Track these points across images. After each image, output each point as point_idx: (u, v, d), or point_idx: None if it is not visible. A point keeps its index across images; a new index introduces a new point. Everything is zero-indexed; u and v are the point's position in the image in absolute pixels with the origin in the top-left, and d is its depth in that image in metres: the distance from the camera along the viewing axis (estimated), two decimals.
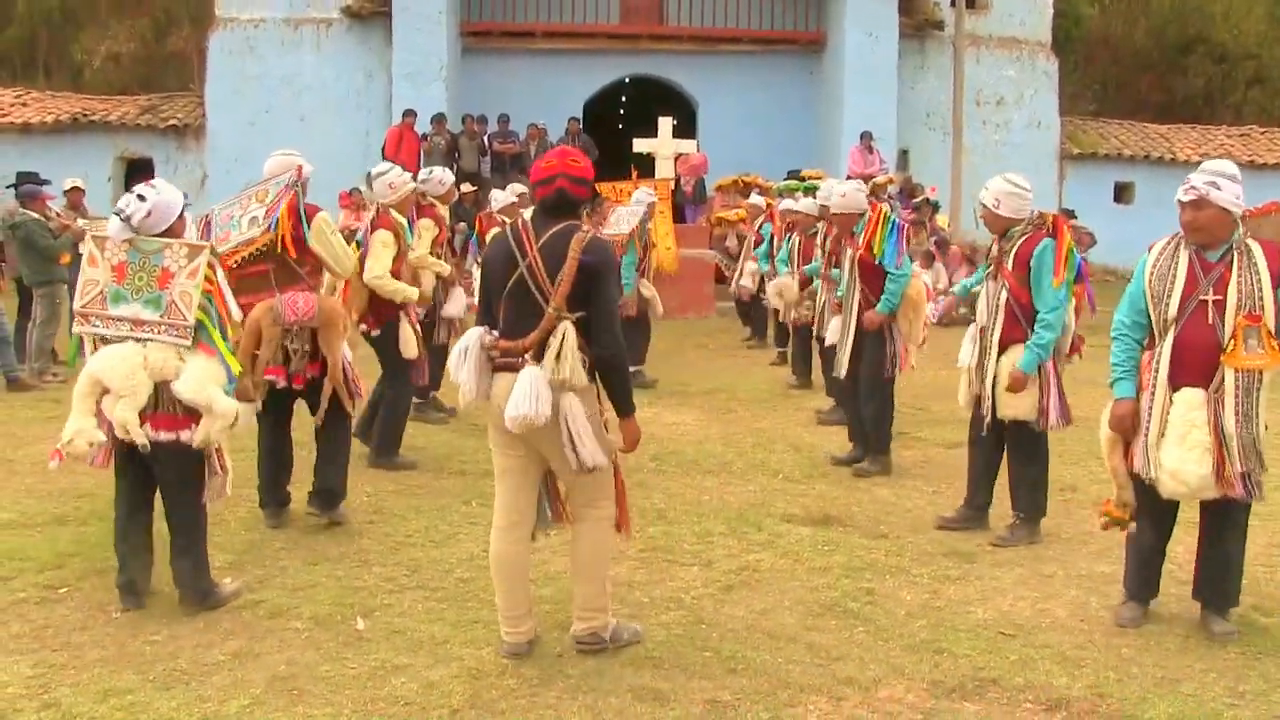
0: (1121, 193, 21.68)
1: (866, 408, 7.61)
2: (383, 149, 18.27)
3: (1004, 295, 5.97)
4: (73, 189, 12.24)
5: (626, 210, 10.87)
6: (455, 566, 5.53)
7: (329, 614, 4.87)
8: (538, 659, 4.41)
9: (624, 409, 4.37)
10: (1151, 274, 4.77)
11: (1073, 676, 4.37)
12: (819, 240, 9.49)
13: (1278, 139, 23.30)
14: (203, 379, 4.66)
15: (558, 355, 4.15)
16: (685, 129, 20.25)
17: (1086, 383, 8.01)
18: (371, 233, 7.26)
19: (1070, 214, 18.74)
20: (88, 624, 4.76)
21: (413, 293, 7.43)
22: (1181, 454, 4.60)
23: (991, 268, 6.09)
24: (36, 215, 10.86)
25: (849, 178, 13.01)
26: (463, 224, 14.77)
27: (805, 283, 10.20)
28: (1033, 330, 5.90)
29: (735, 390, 10.72)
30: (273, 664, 4.37)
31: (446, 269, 8.41)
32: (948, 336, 13.31)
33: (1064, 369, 6.18)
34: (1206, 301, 4.61)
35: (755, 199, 14.53)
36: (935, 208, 18.48)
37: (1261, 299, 4.53)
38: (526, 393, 4.09)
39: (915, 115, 21.13)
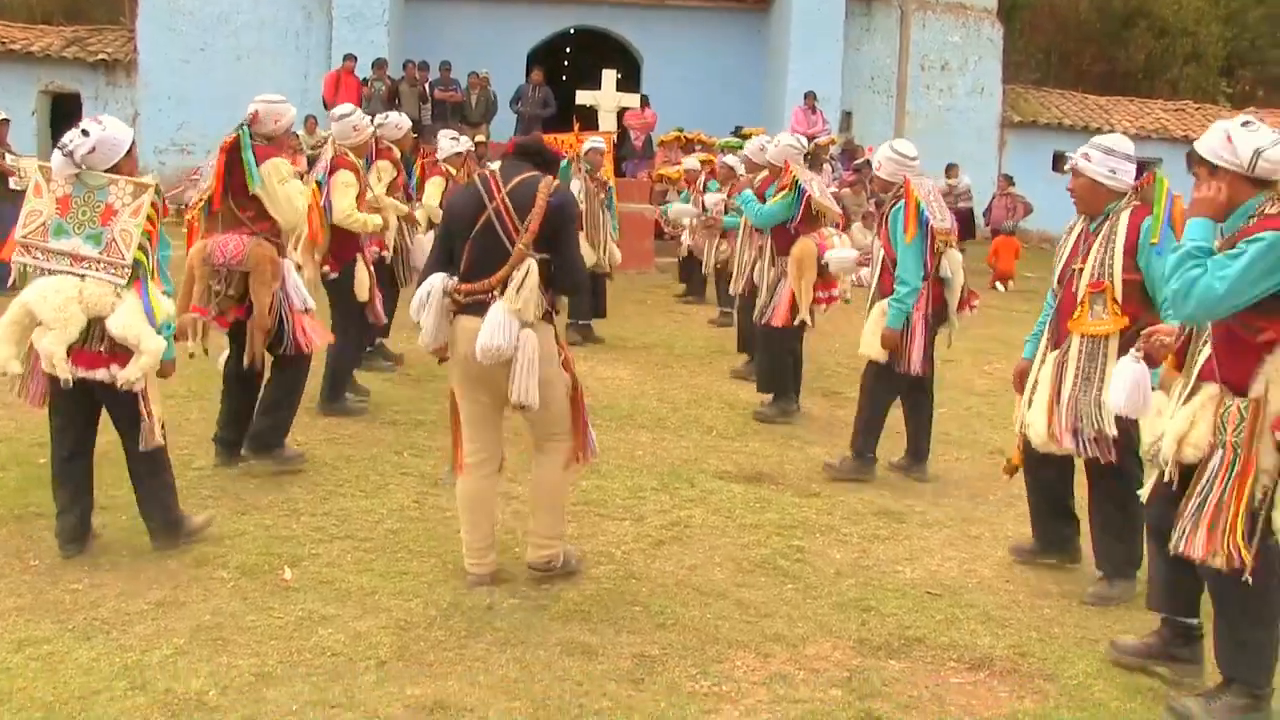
0: (1060, 162, 21.89)
1: (757, 355, 8.43)
2: (321, 94, 17.99)
3: (881, 252, 6.51)
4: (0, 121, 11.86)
5: None
6: (385, 517, 5.48)
7: (256, 563, 4.81)
8: (466, 611, 4.39)
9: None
10: (1059, 244, 5.07)
11: (996, 636, 4.45)
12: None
13: (1210, 115, 23.61)
14: (136, 315, 4.59)
15: (519, 288, 4.36)
16: (630, 83, 20.09)
17: (1018, 347, 8.11)
18: (331, 174, 7.18)
19: (1009, 180, 19.03)
20: (3, 571, 4.65)
21: (378, 220, 7.53)
22: (1036, 408, 4.89)
23: (876, 227, 6.68)
24: None
25: None
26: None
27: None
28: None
29: (672, 346, 10.72)
30: (197, 613, 4.30)
31: (404, 209, 8.47)
32: None
33: (955, 325, 6.62)
34: (1075, 269, 4.84)
35: (689, 162, 14.53)
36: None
37: (1112, 267, 4.72)
38: (498, 325, 4.31)
39: (860, 78, 21.14)
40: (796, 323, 7.84)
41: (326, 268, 7.26)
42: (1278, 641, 3.83)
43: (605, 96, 17.84)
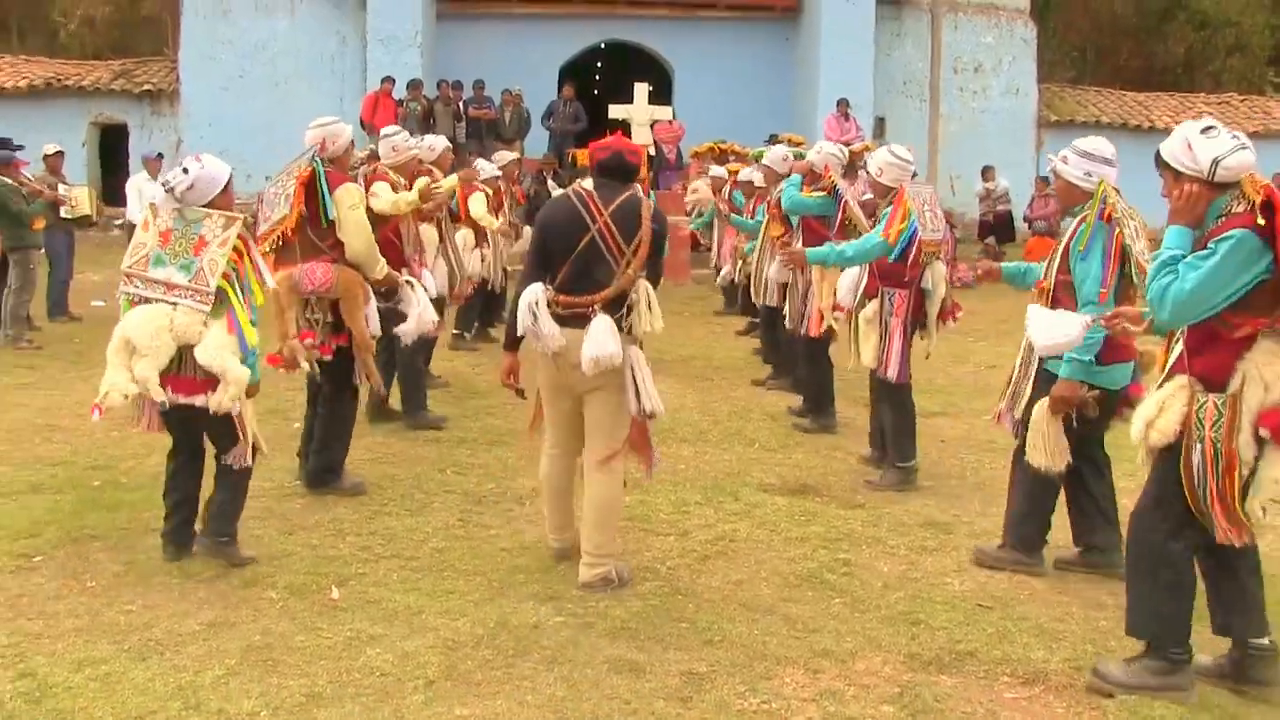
0: None
1: (799, 369, 8.45)
2: (359, 115, 18.14)
3: None
4: (54, 154, 12.34)
5: None
6: (430, 535, 5.50)
7: (304, 583, 4.85)
8: (513, 630, 4.40)
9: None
10: None
11: (1051, 649, 4.37)
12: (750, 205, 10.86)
13: (1257, 107, 23.26)
14: (220, 345, 4.80)
15: (648, 308, 4.81)
16: (661, 95, 20.10)
17: None
18: (368, 186, 7.21)
19: (1046, 181, 18.87)
20: (62, 593, 4.72)
21: (412, 196, 7.40)
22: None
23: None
24: (9, 180, 10.85)
25: None
26: None
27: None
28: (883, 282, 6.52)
29: (711, 358, 10.71)
30: (248, 634, 4.34)
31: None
32: None
33: (934, 335, 6.65)
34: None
35: (716, 170, 14.54)
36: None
37: (1054, 267, 4.91)
38: (606, 334, 4.63)
39: (892, 83, 21.05)
40: (824, 331, 7.84)
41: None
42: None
43: (638, 110, 17.89)
